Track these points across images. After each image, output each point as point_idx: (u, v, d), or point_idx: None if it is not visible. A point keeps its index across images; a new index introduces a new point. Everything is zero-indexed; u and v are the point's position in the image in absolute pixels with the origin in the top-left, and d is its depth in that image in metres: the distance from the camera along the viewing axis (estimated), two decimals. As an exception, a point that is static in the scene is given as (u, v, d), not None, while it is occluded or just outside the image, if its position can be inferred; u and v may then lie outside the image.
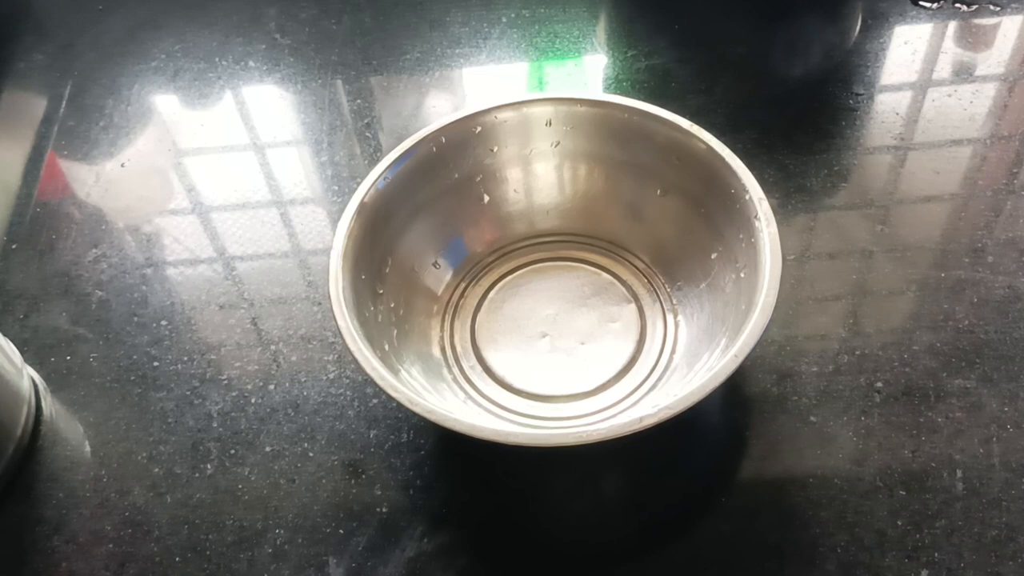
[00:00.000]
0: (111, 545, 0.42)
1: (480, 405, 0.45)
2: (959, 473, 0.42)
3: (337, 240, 0.42)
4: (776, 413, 0.45)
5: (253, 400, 0.47)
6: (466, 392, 0.45)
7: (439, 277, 0.49)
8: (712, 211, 0.45)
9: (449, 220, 0.50)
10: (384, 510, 0.43)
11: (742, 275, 0.42)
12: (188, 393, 0.48)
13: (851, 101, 0.60)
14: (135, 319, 0.52)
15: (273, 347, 0.50)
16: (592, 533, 0.42)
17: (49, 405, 0.48)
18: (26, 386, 0.47)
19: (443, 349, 0.47)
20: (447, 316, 0.49)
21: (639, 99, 0.46)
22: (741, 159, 0.43)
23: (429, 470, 0.44)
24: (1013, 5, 0.65)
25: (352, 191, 0.45)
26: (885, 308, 0.49)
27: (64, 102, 0.66)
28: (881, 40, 0.64)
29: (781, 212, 0.41)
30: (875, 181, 0.56)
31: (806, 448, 0.43)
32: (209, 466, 0.45)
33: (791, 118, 0.59)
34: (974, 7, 0.66)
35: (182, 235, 0.56)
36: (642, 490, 0.43)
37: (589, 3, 0.70)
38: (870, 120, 0.59)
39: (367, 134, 0.62)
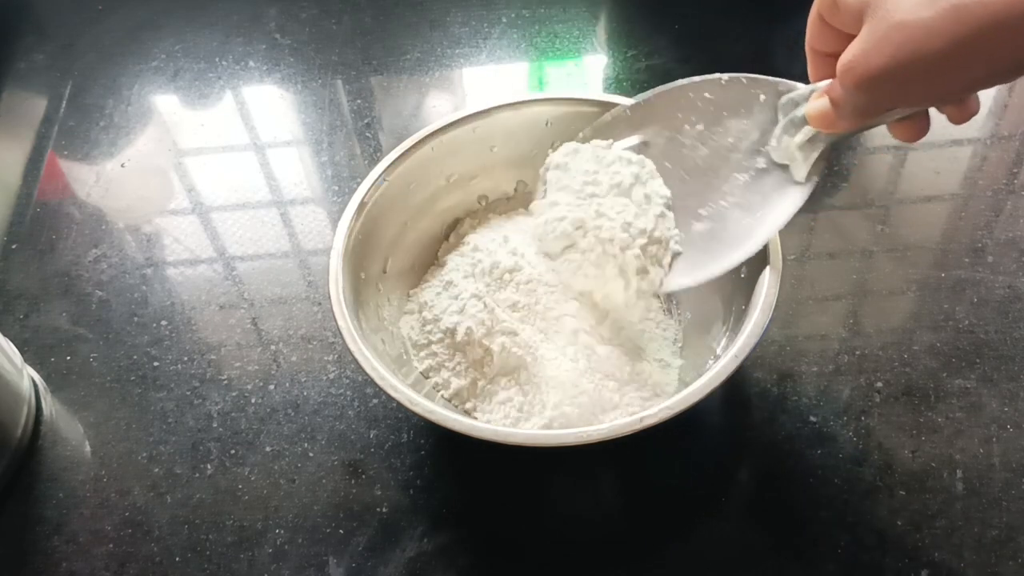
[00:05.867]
0: (111, 545, 0.42)
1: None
2: (959, 473, 0.42)
3: (337, 240, 0.42)
4: (776, 413, 0.45)
5: (253, 400, 0.47)
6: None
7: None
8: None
9: (449, 220, 0.50)
10: (384, 510, 0.43)
11: (742, 275, 0.42)
12: (188, 393, 0.48)
13: (851, 101, 0.60)
14: (135, 319, 0.52)
15: (273, 347, 0.50)
16: (592, 533, 0.42)
17: (49, 405, 0.48)
18: (26, 386, 0.47)
19: (443, 349, 0.47)
20: (447, 316, 0.48)
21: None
22: (741, 159, 0.43)
23: (429, 470, 0.44)
24: (1013, 5, 0.65)
25: (352, 191, 0.45)
26: (885, 308, 0.49)
27: (64, 102, 0.66)
28: (881, 40, 0.64)
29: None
30: (875, 181, 0.56)
31: (806, 448, 0.43)
32: (209, 466, 0.45)
33: (791, 118, 0.59)
34: (974, 7, 0.66)
35: (182, 235, 0.56)
36: (643, 490, 0.43)
37: (589, 3, 0.70)
38: (870, 120, 0.59)
39: (367, 134, 0.62)
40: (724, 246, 0.40)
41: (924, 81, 0.28)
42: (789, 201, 0.38)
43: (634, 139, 0.42)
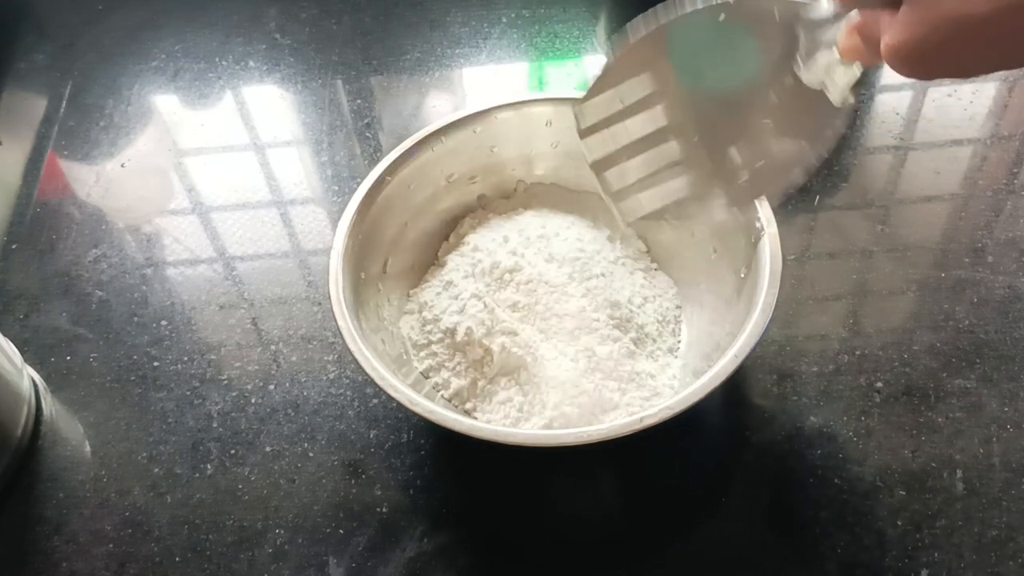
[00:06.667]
0: (111, 545, 0.42)
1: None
2: (959, 473, 0.42)
3: (337, 240, 0.42)
4: (776, 413, 0.45)
5: (253, 400, 0.47)
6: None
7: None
8: (712, 211, 0.45)
9: (449, 220, 0.50)
10: (384, 510, 0.43)
11: (742, 275, 0.42)
12: (188, 393, 0.48)
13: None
14: (135, 319, 0.52)
15: (273, 347, 0.50)
16: (592, 533, 0.42)
17: (49, 405, 0.48)
18: (26, 386, 0.47)
19: (443, 349, 0.47)
20: (447, 316, 0.48)
21: (639, 99, 0.46)
22: (741, 159, 0.43)
23: (429, 470, 0.44)
24: (1013, 5, 0.65)
25: (352, 191, 0.45)
26: (885, 308, 0.49)
27: (64, 102, 0.66)
28: (881, 40, 0.64)
29: (781, 212, 0.41)
30: (875, 181, 0.56)
31: (806, 448, 0.43)
32: (209, 466, 0.45)
33: (791, 118, 0.59)
34: (974, 7, 0.66)
35: (182, 235, 0.56)
36: (643, 490, 0.43)
37: (589, 3, 0.70)
38: (870, 120, 0.59)
39: (367, 134, 0.62)
40: (769, 170, 0.37)
41: (973, 63, 0.28)
42: (828, 124, 0.35)
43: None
